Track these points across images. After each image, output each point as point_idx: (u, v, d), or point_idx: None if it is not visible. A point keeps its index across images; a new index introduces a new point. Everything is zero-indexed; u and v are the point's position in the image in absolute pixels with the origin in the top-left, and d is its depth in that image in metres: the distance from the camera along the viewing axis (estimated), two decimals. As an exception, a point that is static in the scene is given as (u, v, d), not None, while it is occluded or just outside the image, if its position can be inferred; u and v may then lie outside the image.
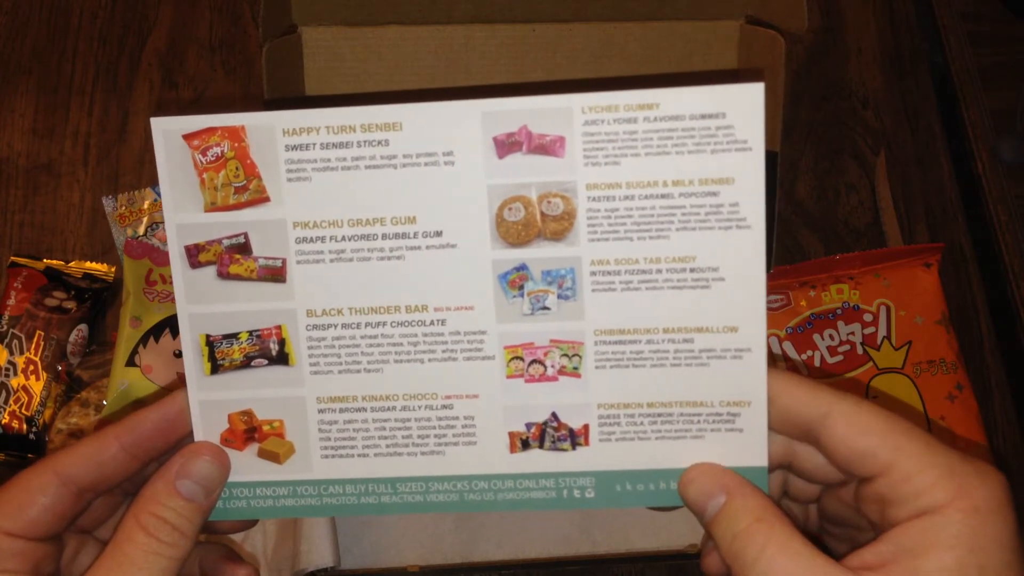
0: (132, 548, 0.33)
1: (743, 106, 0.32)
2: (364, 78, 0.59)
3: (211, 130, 0.34)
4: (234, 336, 0.35)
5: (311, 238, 0.34)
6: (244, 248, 0.35)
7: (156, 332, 0.62)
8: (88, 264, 0.67)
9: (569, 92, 0.33)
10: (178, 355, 0.62)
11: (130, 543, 0.33)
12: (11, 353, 0.62)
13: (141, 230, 0.69)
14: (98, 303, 0.66)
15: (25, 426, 0.61)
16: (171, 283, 0.64)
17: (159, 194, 0.69)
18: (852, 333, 0.63)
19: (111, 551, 0.33)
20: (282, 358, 0.35)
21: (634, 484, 0.35)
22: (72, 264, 0.67)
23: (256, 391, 0.36)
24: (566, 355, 0.35)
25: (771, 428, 0.34)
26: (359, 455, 0.36)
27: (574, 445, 0.35)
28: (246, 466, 0.36)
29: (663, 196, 0.33)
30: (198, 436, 0.36)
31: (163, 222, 0.68)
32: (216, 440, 0.36)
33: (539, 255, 0.34)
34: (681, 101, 0.32)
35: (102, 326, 0.66)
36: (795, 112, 0.76)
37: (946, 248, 0.73)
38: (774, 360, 0.62)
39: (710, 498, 0.33)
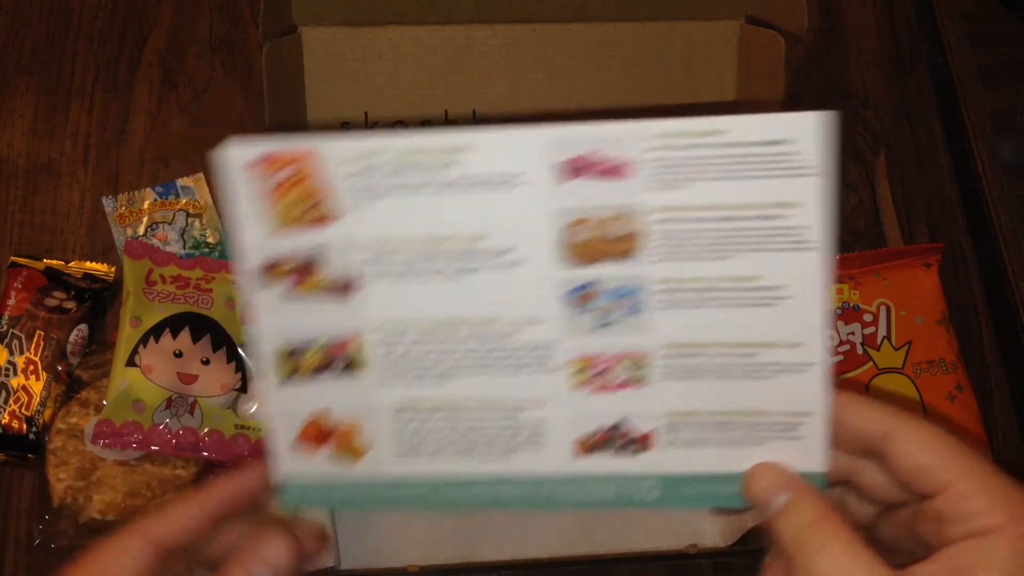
0: None
1: (808, 133, 0.33)
2: (364, 78, 0.59)
3: (281, 154, 0.35)
4: (307, 347, 0.37)
5: (379, 256, 0.36)
6: (314, 266, 0.36)
7: (156, 332, 0.62)
8: (88, 264, 0.67)
9: (626, 119, 0.34)
10: (178, 355, 0.62)
11: None
12: (11, 353, 0.62)
13: (141, 230, 0.69)
14: (98, 303, 0.66)
15: (25, 426, 0.61)
16: (171, 283, 0.64)
17: (159, 194, 0.69)
18: (852, 333, 0.63)
19: None
20: (354, 367, 0.37)
21: (697, 487, 0.37)
22: (72, 264, 0.67)
23: (330, 397, 0.38)
24: (632, 367, 0.36)
25: (834, 446, 0.36)
26: (429, 457, 0.38)
27: (639, 450, 0.37)
28: (321, 465, 0.38)
29: (727, 219, 0.34)
30: (274, 440, 0.38)
31: (162, 222, 0.68)
32: (292, 443, 0.38)
33: (605, 274, 0.35)
34: (748, 128, 0.34)
35: (102, 326, 0.66)
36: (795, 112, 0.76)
37: (946, 248, 0.73)
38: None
39: (775, 494, 0.35)
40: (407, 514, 0.62)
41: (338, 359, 0.37)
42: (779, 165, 0.34)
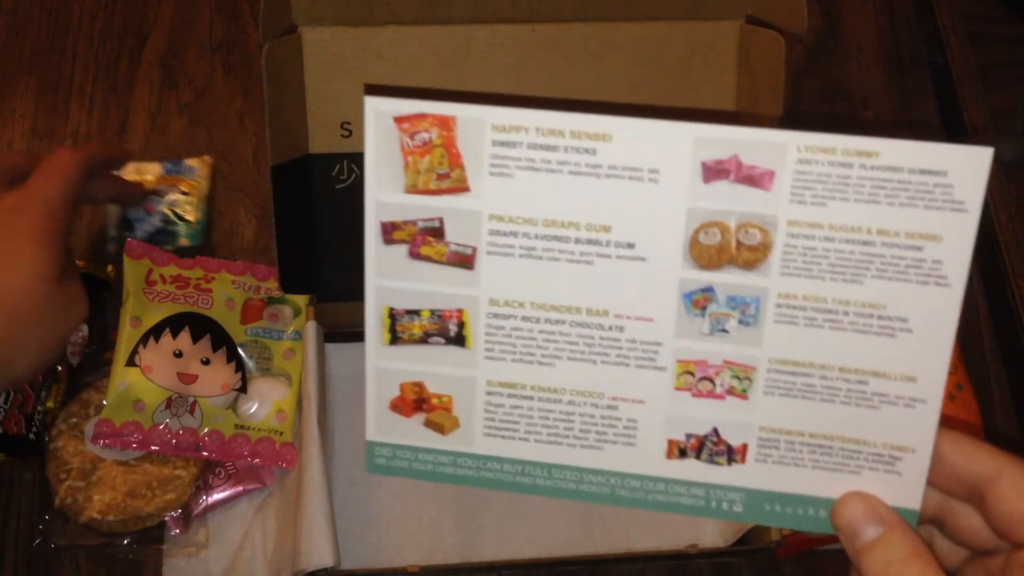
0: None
1: (967, 168, 0.32)
2: (364, 78, 0.59)
3: (422, 116, 0.35)
4: (416, 312, 0.37)
5: (504, 232, 0.35)
6: (438, 232, 0.36)
7: (156, 332, 0.62)
8: (88, 264, 0.67)
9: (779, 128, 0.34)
10: (178, 355, 0.62)
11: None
12: (11, 353, 0.62)
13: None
14: (98, 303, 0.66)
15: (25, 426, 0.61)
16: (170, 283, 0.64)
17: (167, 170, 0.69)
18: (852, 333, 0.63)
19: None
20: (459, 340, 0.37)
21: (783, 506, 0.37)
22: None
23: (430, 366, 0.38)
24: (737, 377, 0.36)
25: (931, 484, 0.35)
26: (520, 438, 0.38)
27: (730, 461, 0.37)
28: (412, 432, 0.38)
29: (865, 243, 0.33)
30: (370, 400, 0.39)
31: (156, 195, 0.68)
32: (385, 406, 0.38)
33: (727, 280, 0.35)
34: (903, 153, 0.33)
35: (102, 326, 0.66)
36: (795, 112, 0.76)
37: (946, 248, 0.73)
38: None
39: (866, 526, 0.34)
40: (407, 514, 0.62)
41: (445, 329, 0.37)
42: (930, 196, 0.33)
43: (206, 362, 0.63)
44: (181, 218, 0.69)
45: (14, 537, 0.61)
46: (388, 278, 0.37)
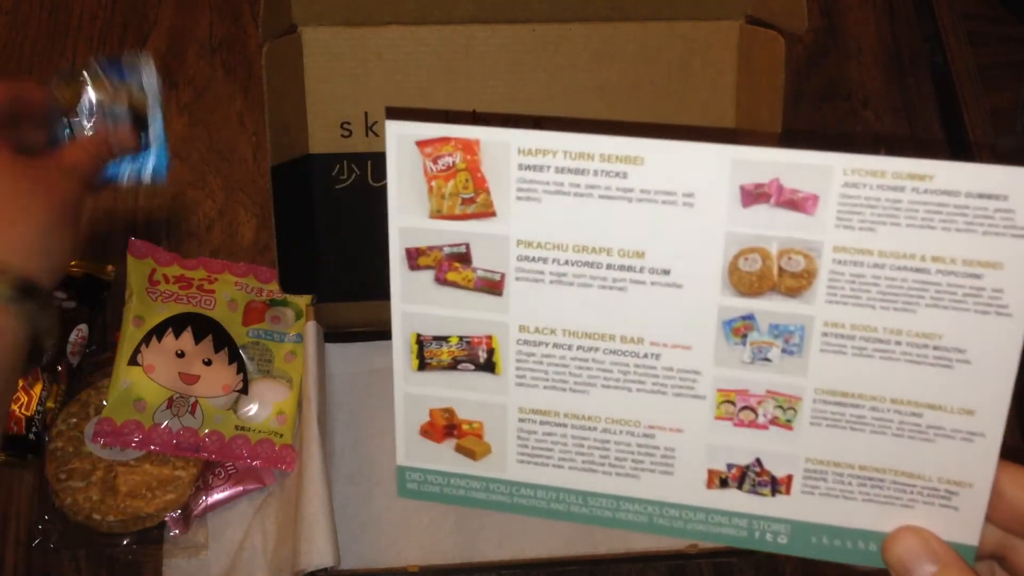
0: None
1: None
2: (364, 78, 0.59)
3: (445, 140, 0.34)
4: (444, 339, 0.36)
5: (533, 257, 0.35)
6: (464, 258, 0.35)
7: (159, 331, 0.62)
8: (88, 264, 0.67)
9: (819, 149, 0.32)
10: (180, 355, 0.62)
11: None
12: (11, 353, 0.62)
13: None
14: (98, 303, 0.66)
15: (25, 427, 0.61)
16: (174, 283, 0.65)
17: (102, 70, 0.57)
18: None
19: None
20: (489, 366, 0.37)
21: (831, 539, 0.36)
22: (72, 264, 0.67)
23: (460, 392, 0.37)
24: (780, 407, 0.35)
25: (990, 519, 0.34)
26: (554, 465, 0.37)
27: (774, 492, 0.36)
28: (443, 457, 0.38)
29: (918, 270, 0.32)
30: (400, 425, 0.38)
31: (107, 105, 0.57)
32: (416, 431, 0.38)
33: (769, 308, 0.34)
34: (960, 176, 0.31)
35: (102, 326, 0.66)
36: (795, 112, 0.76)
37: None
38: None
39: (920, 562, 0.33)
40: (407, 514, 0.62)
41: (475, 355, 0.37)
42: (989, 221, 0.31)
43: (208, 363, 0.63)
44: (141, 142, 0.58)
45: (14, 537, 0.61)
46: (415, 304, 0.36)
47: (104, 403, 0.61)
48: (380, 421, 0.65)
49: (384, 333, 0.66)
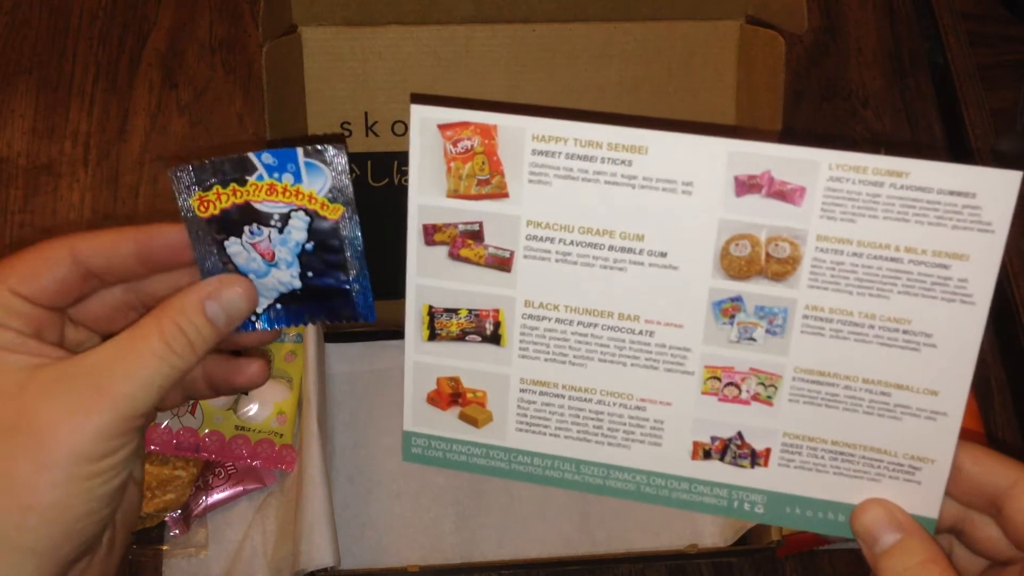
0: (144, 346, 0.33)
1: (996, 191, 0.33)
2: (364, 78, 0.59)
3: (465, 124, 0.36)
4: (454, 311, 0.38)
5: (541, 237, 0.37)
6: (477, 235, 0.37)
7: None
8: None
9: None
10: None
11: (144, 341, 0.34)
12: (11, 353, 0.62)
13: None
14: (98, 303, 0.66)
15: (25, 426, 0.61)
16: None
17: (269, 169, 0.51)
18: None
19: (125, 341, 0.34)
20: (495, 338, 0.39)
21: (804, 509, 0.38)
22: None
23: (466, 362, 0.39)
24: (762, 384, 0.37)
25: (950, 494, 0.36)
26: (551, 434, 0.39)
27: (753, 464, 0.38)
28: (447, 424, 0.40)
29: (892, 259, 0.35)
30: (408, 392, 0.40)
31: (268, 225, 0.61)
32: (423, 398, 0.40)
33: (756, 291, 0.36)
34: (933, 175, 0.34)
35: (102, 326, 0.66)
36: (795, 112, 0.77)
37: (946, 248, 0.73)
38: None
39: (885, 531, 0.35)
40: (407, 514, 0.62)
41: (482, 328, 0.38)
42: (958, 216, 0.34)
43: (206, 362, 0.63)
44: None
45: (14, 537, 0.61)
46: (428, 278, 0.38)
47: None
48: (380, 421, 0.65)
49: (385, 333, 0.67)
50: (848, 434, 0.37)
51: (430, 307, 0.38)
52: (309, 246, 0.37)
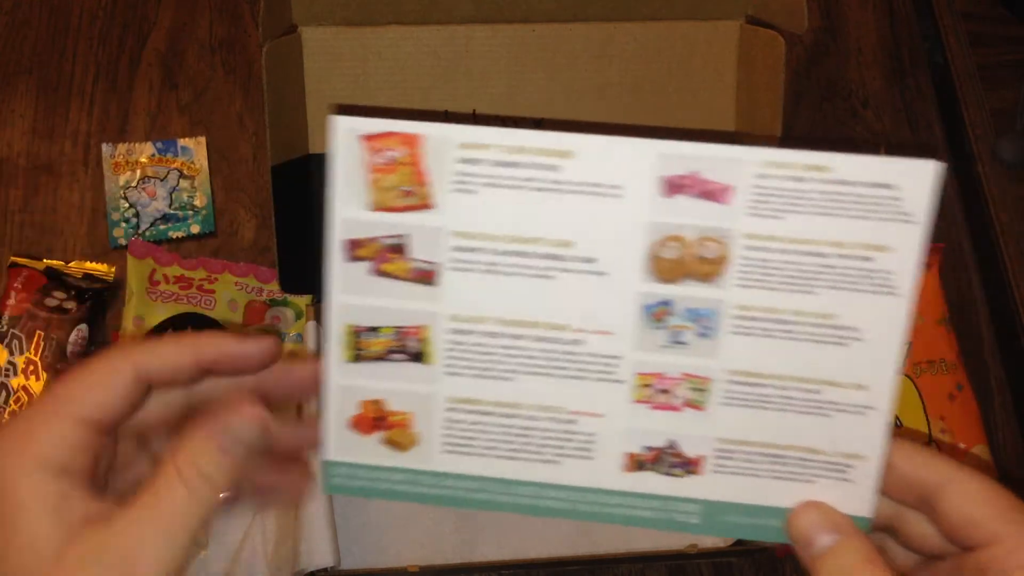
0: (170, 498, 0.33)
1: (915, 181, 0.33)
2: (364, 78, 0.59)
3: (389, 134, 0.35)
4: (377, 329, 0.37)
5: (468, 248, 0.36)
6: (401, 249, 0.36)
7: (159, 331, 0.62)
8: (88, 264, 0.67)
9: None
10: (178, 355, 0.62)
11: (168, 493, 0.33)
12: (11, 353, 0.62)
13: (133, 181, 0.70)
14: (98, 303, 0.66)
15: (25, 426, 0.61)
16: (174, 283, 0.64)
17: (158, 150, 0.71)
18: (852, 333, 0.63)
19: (150, 497, 0.33)
20: (420, 356, 0.37)
21: (739, 517, 0.37)
22: (72, 264, 0.67)
23: (390, 383, 0.37)
24: (694, 388, 0.36)
25: (884, 492, 0.35)
26: (479, 454, 0.38)
27: (687, 473, 0.37)
28: (370, 450, 0.38)
29: (818, 254, 0.34)
30: (329, 419, 0.38)
31: (154, 177, 0.69)
32: (345, 424, 0.38)
33: (685, 293, 0.35)
34: (853, 168, 0.34)
35: (102, 326, 0.66)
36: (795, 112, 0.77)
37: (946, 248, 0.73)
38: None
39: (821, 534, 0.35)
40: (407, 514, 0.62)
41: (407, 346, 0.37)
42: (880, 208, 0.34)
43: (206, 362, 0.63)
44: (192, 206, 0.69)
45: (14, 537, 0.61)
46: (350, 295, 0.37)
47: (104, 403, 0.61)
48: (380, 421, 0.65)
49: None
50: (781, 435, 0.36)
51: (353, 326, 0.37)
52: None
